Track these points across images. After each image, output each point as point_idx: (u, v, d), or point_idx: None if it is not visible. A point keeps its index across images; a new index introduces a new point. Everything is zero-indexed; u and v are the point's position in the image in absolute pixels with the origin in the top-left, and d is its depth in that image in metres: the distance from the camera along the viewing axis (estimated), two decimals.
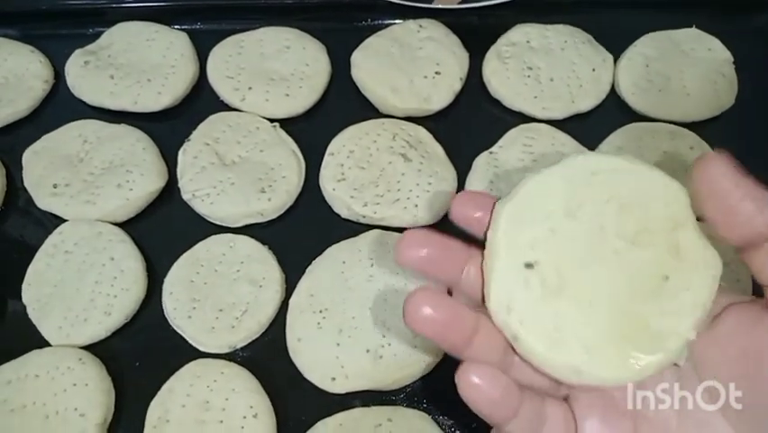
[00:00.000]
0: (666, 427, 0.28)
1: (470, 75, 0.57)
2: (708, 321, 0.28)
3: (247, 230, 0.51)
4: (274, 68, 0.57)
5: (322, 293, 0.47)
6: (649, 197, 0.28)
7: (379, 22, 0.60)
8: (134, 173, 0.52)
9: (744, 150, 0.52)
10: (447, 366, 0.46)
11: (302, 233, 0.51)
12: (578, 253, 0.28)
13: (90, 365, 0.45)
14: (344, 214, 0.52)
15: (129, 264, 0.49)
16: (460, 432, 0.44)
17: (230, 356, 0.47)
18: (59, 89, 0.58)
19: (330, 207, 0.52)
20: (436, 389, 0.46)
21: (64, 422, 0.43)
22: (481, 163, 0.53)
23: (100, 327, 0.47)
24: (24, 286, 0.49)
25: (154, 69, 0.57)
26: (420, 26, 0.58)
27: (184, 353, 0.47)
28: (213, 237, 0.50)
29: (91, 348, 0.47)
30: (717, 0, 0.61)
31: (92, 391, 0.44)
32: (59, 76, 0.59)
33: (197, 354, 0.47)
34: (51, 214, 0.52)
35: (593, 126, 0.55)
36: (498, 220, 0.29)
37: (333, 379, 0.45)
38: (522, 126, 0.54)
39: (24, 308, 0.48)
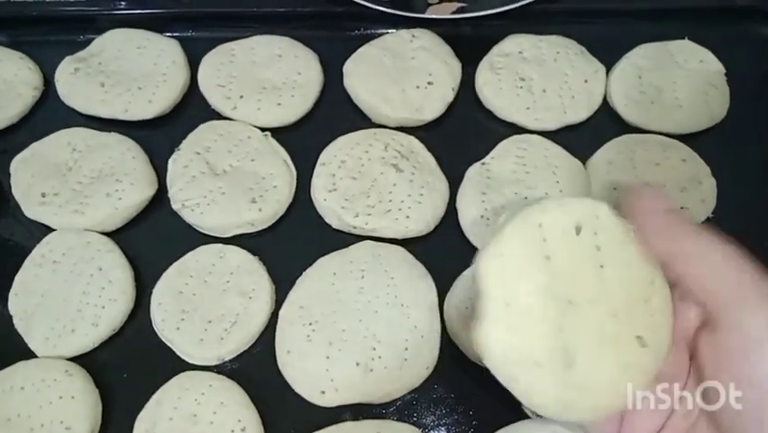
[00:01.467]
0: None
1: (462, 85, 0.57)
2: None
3: (237, 240, 0.51)
4: (266, 76, 0.57)
5: (312, 305, 0.47)
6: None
7: (372, 31, 0.60)
8: (124, 182, 0.51)
9: (735, 161, 0.53)
10: (438, 380, 0.46)
11: (292, 243, 0.51)
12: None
13: (77, 377, 0.45)
14: (335, 224, 0.51)
15: (117, 275, 0.48)
16: None
17: (218, 368, 0.46)
18: (48, 96, 0.58)
19: (321, 217, 0.52)
20: (427, 402, 0.45)
21: None
22: (473, 174, 0.52)
23: (87, 339, 0.47)
24: (11, 296, 0.48)
25: (145, 76, 0.56)
26: (413, 36, 0.58)
27: (172, 365, 0.46)
28: (202, 247, 0.50)
29: (78, 360, 0.46)
30: (710, 12, 0.61)
31: (78, 404, 0.44)
32: (48, 83, 0.58)
33: (186, 366, 0.46)
34: (40, 223, 0.51)
35: (585, 137, 0.55)
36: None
37: (323, 392, 0.44)
38: (514, 137, 0.54)
39: (10, 318, 0.47)
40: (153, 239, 0.52)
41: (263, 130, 0.55)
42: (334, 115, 0.57)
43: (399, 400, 0.45)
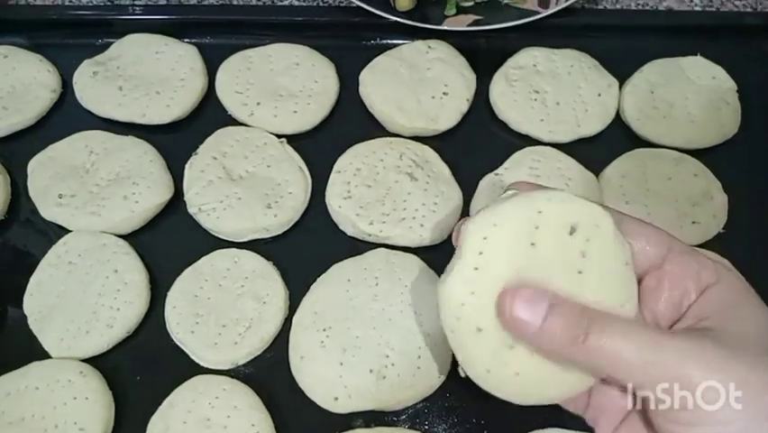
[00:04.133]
0: None
1: (477, 96, 0.58)
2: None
3: (252, 245, 0.51)
4: (283, 84, 0.57)
5: (326, 311, 0.47)
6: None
7: (389, 41, 0.61)
8: (141, 185, 0.52)
9: (746, 177, 0.54)
10: (450, 389, 0.46)
11: (307, 249, 0.51)
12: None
13: (91, 378, 0.45)
14: (350, 231, 0.52)
15: (133, 277, 0.49)
16: None
17: (232, 373, 0.47)
18: (66, 99, 0.58)
19: (335, 224, 0.52)
20: (439, 410, 0.46)
21: None
22: (487, 184, 0.53)
23: (102, 340, 0.47)
24: (26, 296, 0.49)
25: (163, 81, 0.57)
26: (429, 47, 0.59)
27: (186, 368, 0.46)
28: (217, 252, 0.50)
29: (92, 361, 0.47)
30: (722, 30, 0.62)
31: (92, 405, 0.44)
32: (66, 85, 0.59)
33: (199, 370, 0.46)
34: (56, 224, 0.52)
35: (598, 150, 0.56)
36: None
37: (336, 398, 0.44)
38: (528, 149, 0.55)
39: (25, 318, 0.48)
40: (169, 242, 0.52)
41: (279, 137, 0.55)
42: (350, 123, 0.57)
43: (411, 408, 0.45)
